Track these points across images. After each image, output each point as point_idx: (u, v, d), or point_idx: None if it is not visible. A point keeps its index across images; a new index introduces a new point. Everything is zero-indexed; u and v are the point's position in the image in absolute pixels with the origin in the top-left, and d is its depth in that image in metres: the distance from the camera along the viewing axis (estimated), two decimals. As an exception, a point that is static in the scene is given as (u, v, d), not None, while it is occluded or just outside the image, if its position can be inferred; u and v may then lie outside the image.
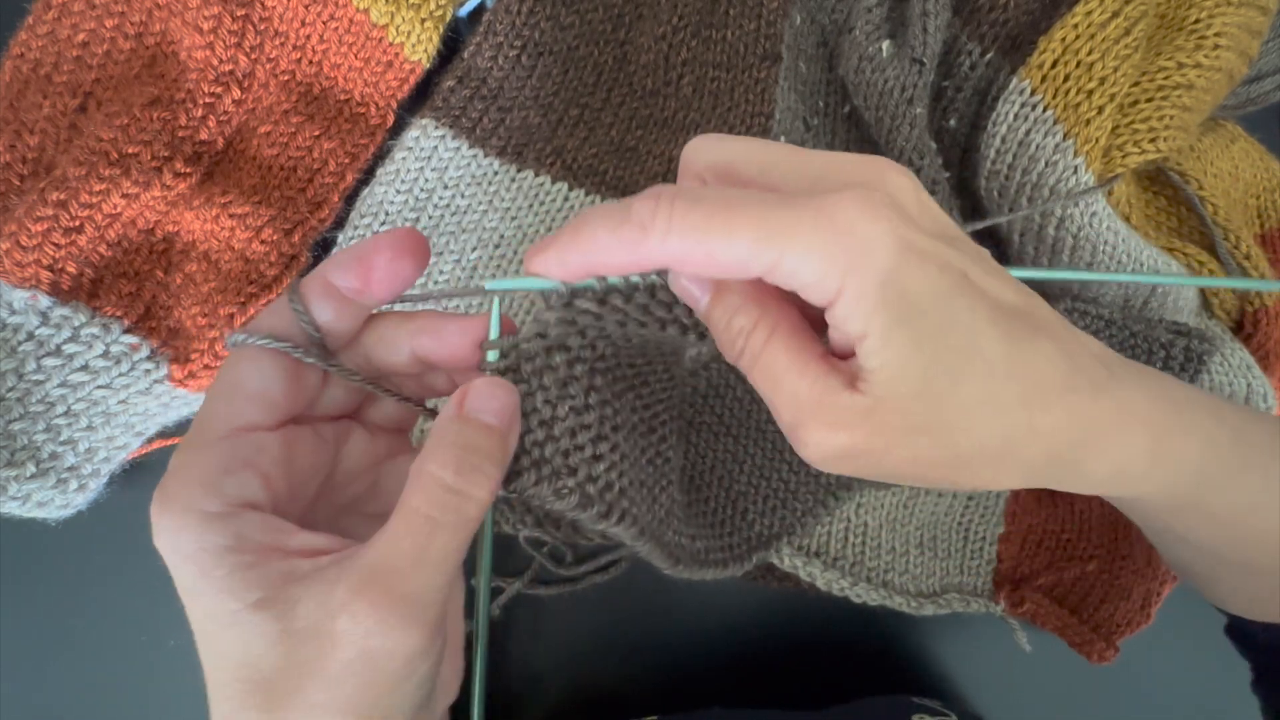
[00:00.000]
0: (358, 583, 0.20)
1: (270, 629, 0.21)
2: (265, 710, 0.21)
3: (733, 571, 0.35)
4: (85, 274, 0.40)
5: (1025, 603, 0.47)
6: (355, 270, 0.24)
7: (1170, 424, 0.25)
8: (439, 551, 0.21)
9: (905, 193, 0.22)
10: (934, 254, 0.21)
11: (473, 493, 0.22)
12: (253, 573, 0.21)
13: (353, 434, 0.27)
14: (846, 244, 0.20)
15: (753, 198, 0.21)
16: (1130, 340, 0.45)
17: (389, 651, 0.20)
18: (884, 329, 0.21)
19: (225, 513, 0.22)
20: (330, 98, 0.45)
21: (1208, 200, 0.48)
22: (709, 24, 0.48)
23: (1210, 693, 0.50)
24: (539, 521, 0.44)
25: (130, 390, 0.40)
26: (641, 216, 0.21)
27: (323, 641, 0.20)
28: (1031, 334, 0.22)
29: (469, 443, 0.22)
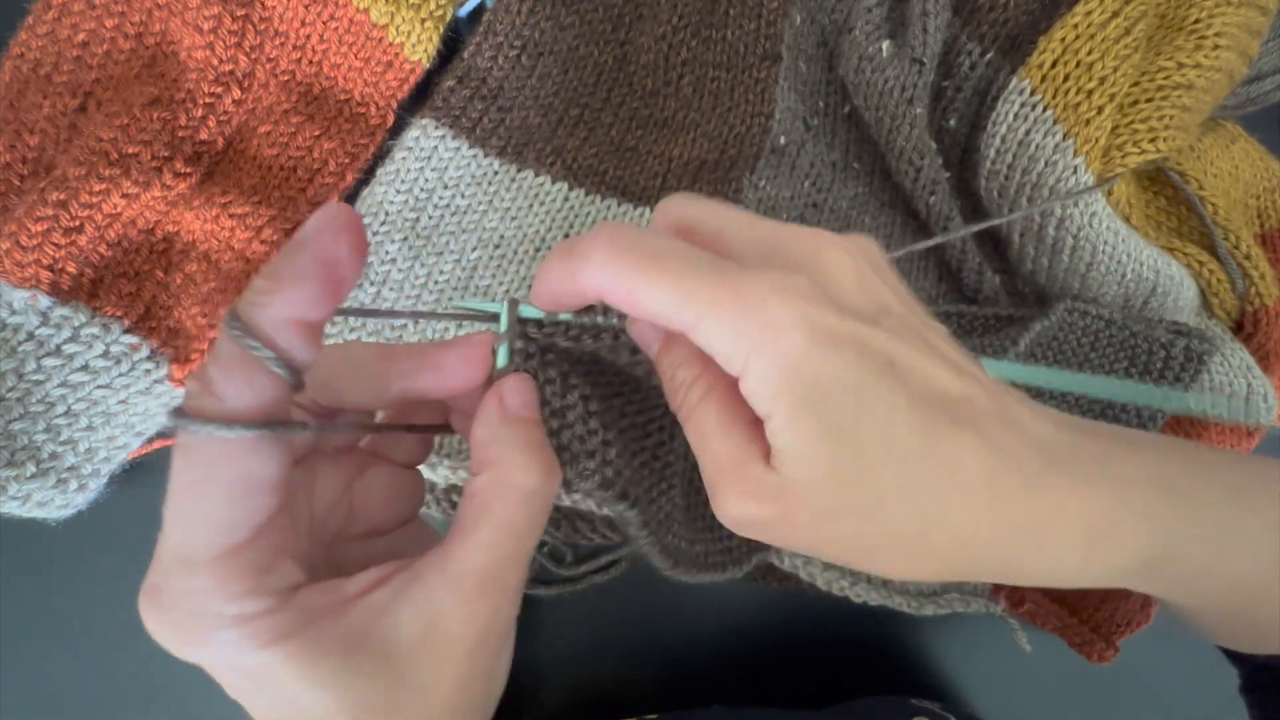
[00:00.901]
0: (471, 589, 0.21)
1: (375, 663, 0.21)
2: None
3: (731, 574, 0.34)
4: (85, 274, 0.40)
5: (1025, 603, 0.47)
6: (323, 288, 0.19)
7: (1107, 517, 0.24)
8: (533, 546, 0.23)
9: (841, 270, 0.22)
10: (852, 339, 0.21)
11: (555, 486, 0.23)
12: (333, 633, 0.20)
13: (318, 471, 0.25)
14: (755, 325, 0.20)
15: (686, 257, 0.21)
16: (1130, 340, 0.45)
17: (502, 633, 0.23)
18: (788, 412, 0.21)
19: (275, 607, 0.20)
20: (330, 98, 0.45)
21: (1208, 200, 0.48)
22: (709, 24, 0.48)
23: (1210, 693, 0.50)
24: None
25: (130, 390, 0.40)
26: (583, 248, 0.22)
27: (437, 647, 0.21)
28: (954, 426, 0.22)
29: (535, 440, 0.23)
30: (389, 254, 0.44)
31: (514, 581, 0.22)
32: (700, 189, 0.46)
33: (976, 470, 0.22)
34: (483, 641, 0.22)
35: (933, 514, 0.22)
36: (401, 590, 0.21)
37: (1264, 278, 0.48)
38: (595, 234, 0.22)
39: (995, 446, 0.22)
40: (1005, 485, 0.22)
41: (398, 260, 0.44)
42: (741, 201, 0.45)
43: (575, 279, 0.22)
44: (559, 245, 0.23)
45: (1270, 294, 0.48)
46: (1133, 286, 0.45)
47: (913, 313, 0.24)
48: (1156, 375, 0.45)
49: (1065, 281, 0.46)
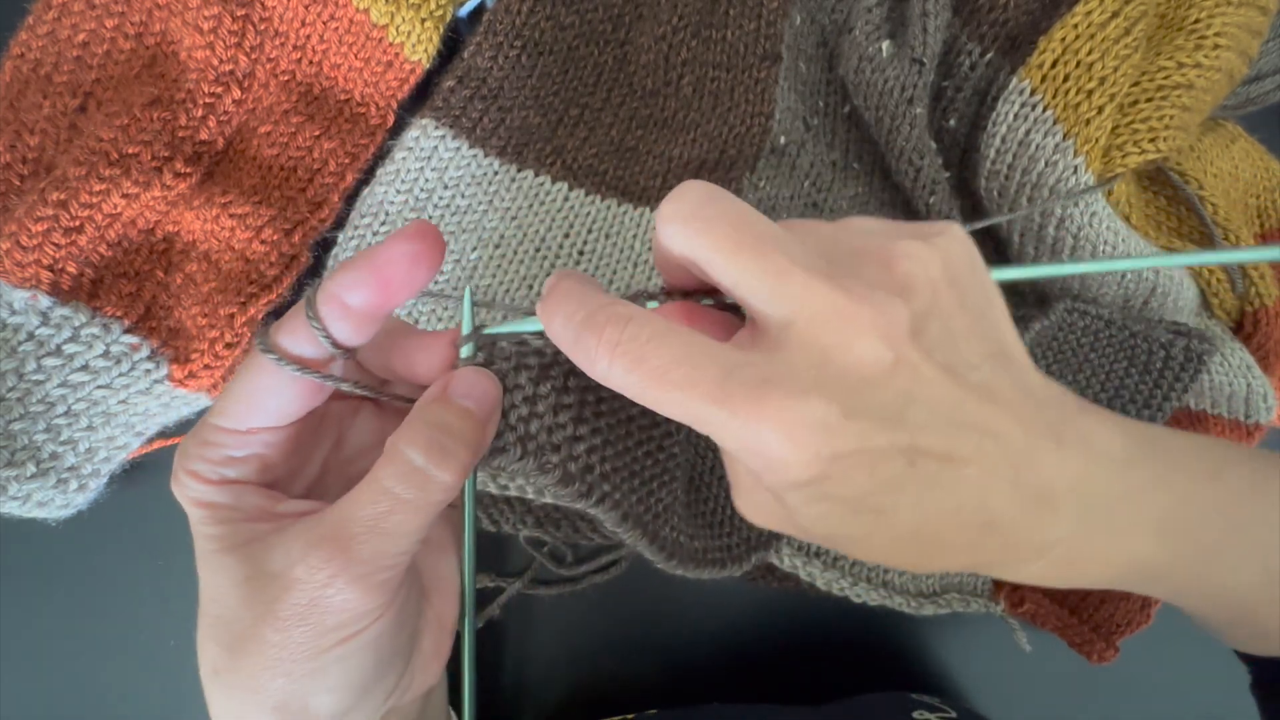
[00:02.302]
0: (316, 537, 0.22)
1: (239, 571, 0.23)
2: (226, 646, 0.23)
3: (730, 572, 0.34)
4: (85, 274, 0.40)
5: (1025, 603, 0.47)
6: (372, 286, 0.24)
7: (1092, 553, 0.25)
8: (395, 525, 0.23)
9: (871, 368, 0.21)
10: (869, 456, 0.20)
11: (438, 475, 0.23)
12: (240, 525, 0.24)
13: (361, 411, 0.29)
14: (771, 453, 0.20)
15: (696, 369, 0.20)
16: (1130, 340, 0.45)
17: (338, 605, 0.22)
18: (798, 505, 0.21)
19: (225, 481, 0.24)
20: (330, 98, 0.45)
21: (1208, 200, 0.48)
22: (709, 24, 0.48)
23: (1210, 693, 0.50)
24: (539, 521, 0.44)
25: (130, 390, 0.40)
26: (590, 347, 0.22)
27: (281, 585, 0.22)
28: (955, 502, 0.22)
29: (445, 424, 0.23)
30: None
31: (365, 552, 0.22)
32: (700, 189, 0.46)
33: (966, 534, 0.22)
34: (313, 602, 0.22)
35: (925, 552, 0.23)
36: (294, 527, 0.23)
37: (1264, 278, 0.48)
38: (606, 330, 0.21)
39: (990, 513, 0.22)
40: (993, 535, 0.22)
41: (398, 260, 0.44)
42: (741, 201, 0.45)
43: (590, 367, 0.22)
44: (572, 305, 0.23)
45: (1270, 294, 0.48)
46: (1132, 287, 0.45)
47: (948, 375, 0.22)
48: (1156, 375, 0.45)
49: (1065, 281, 0.46)
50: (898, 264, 0.22)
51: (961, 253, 0.23)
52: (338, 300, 0.24)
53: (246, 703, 0.23)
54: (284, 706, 0.23)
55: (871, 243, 0.22)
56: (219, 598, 0.23)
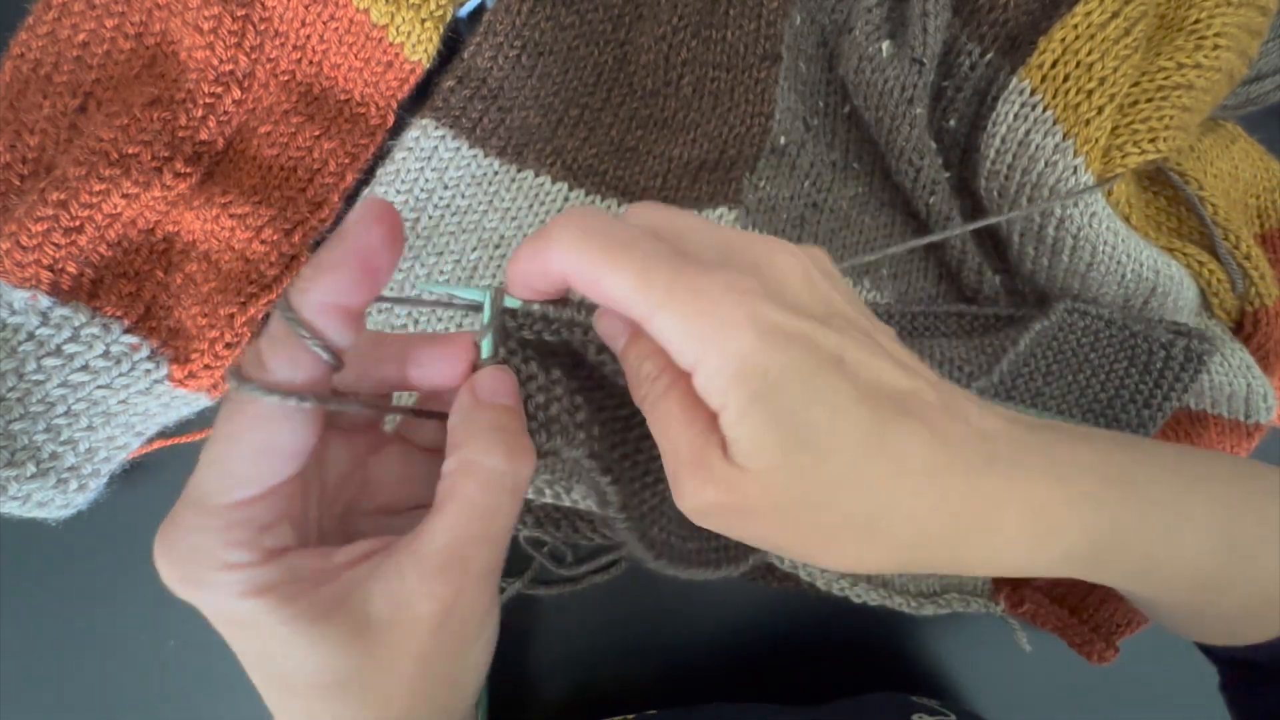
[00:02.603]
0: (432, 569, 0.22)
1: (344, 632, 0.22)
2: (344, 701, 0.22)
3: (727, 572, 0.34)
4: (85, 274, 0.40)
5: (1025, 603, 0.47)
6: (361, 281, 0.22)
7: (1051, 502, 0.25)
8: (501, 529, 0.23)
9: (790, 272, 0.23)
10: (801, 335, 0.22)
11: (522, 469, 0.23)
12: (313, 596, 0.22)
13: (330, 443, 0.26)
14: (706, 323, 0.21)
15: (650, 249, 0.22)
16: (1130, 340, 0.45)
17: (467, 617, 0.23)
18: (740, 404, 0.21)
19: (274, 558, 0.22)
20: (330, 98, 0.45)
21: (1208, 200, 0.48)
22: (709, 24, 0.48)
23: (1210, 693, 0.50)
24: (539, 521, 0.44)
25: (130, 390, 0.40)
26: (550, 231, 0.22)
27: (403, 626, 0.22)
28: (901, 416, 0.23)
29: (504, 425, 0.24)
30: (389, 254, 0.44)
31: (480, 564, 0.23)
32: (700, 189, 0.46)
33: (923, 459, 0.23)
34: (445, 622, 0.22)
35: (882, 502, 0.23)
36: (378, 567, 0.22)
37: (1264, 278, 0.48)
38: (565, 217, 0.23)
39: (941, 437, 0.23)
40: (951, 473, 0.23)
41: (398, 260, 0.44)
42: (741, 202, 0.45)
43: (543, 260, 0.23)
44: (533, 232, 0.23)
45: (1270, 294, 0.48)
46: (1132, 286, 0.45)
47: (861, 314, 0.24)
48: (1156, 375, 0.45)
49: (1065, 281, 0.46)
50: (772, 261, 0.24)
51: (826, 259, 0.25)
52: (319, 304, 0.21)
53: None
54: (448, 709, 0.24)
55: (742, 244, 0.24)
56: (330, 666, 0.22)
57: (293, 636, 0.21)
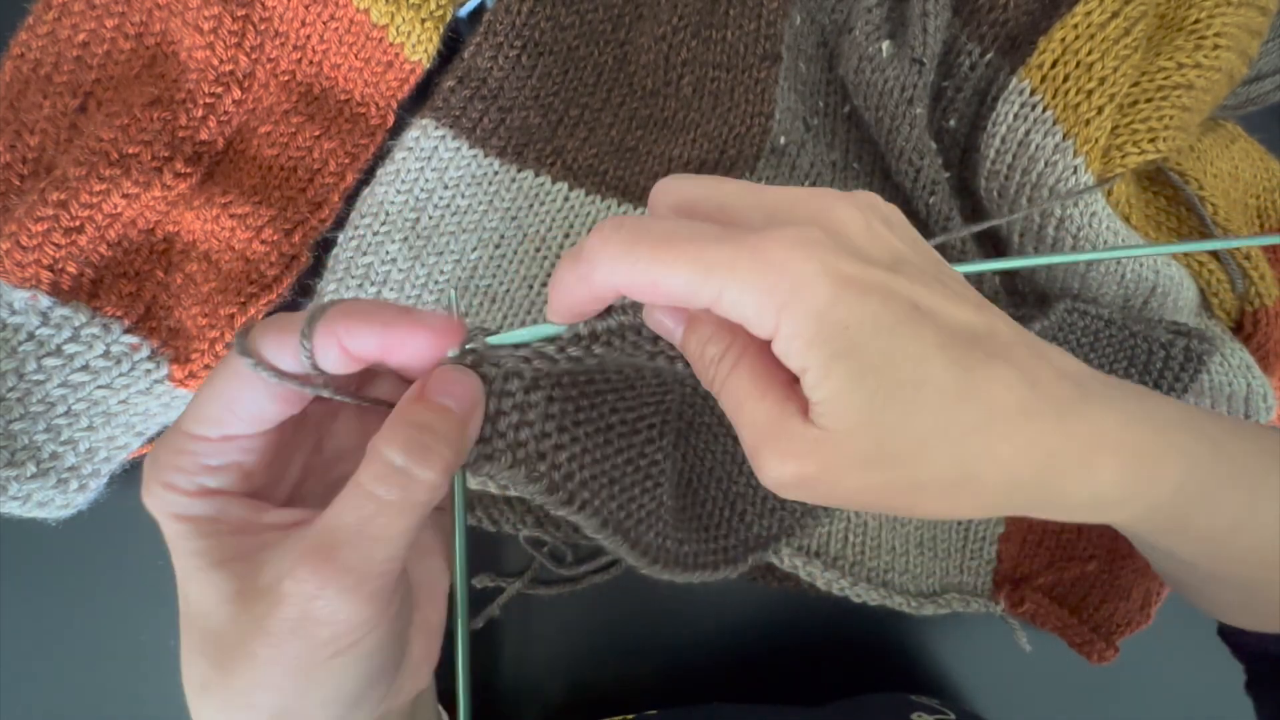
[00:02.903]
0: (304, 549, 0.22)
1: (228, 587, 0.22)
2: (215, 661, 0.22)
3: (724, 574, 0.34)
4: (85, 274, 0.40)
5: (1025, 603, 0.47)
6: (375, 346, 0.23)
7: (1147, 447, 0.24)
8: (381, 529, 0.22)
9: (851, 224, 0.22)
10: (875, 285, 0.21)
11: (419, 474, 0.22)
12: (226, 539, 0.23)
13: (341, 413, 0.28)
14: (778, 282, 0.20)
15: (697, 232, 0.21)
16: (1130, 340, 0.45)
17: (328, 617, 0.21)
18: (822, 363, 0.21)
19: (205, 496, 0.24)
20: (330, 98, 0.45)
21: (1208, 200, 0.48)
22: (709, 24, 0.48)
23: (1210, 693, 0.50)
24: (539, 521, 0.44)
25: (130, 390, 0.40)
26: (590, 251, 0.22)
27: (270, 601, 0.22)
28: (986, 359, 0.22)
29: (424, 423, 0.23)
30: (389, 254, 0.44)
31: (354, 560, 0.21)
32: (700, 189, 0.46)
33: (1014, 400, 0.22)
34: (304, 613, 0.21)
35: (975, 450, 0.22)
36: (283, 539, 0.23)
37: (1264, 278, 0.48)
38: (599, 234, 0.22)
39: (1030, 377, 0.22)
40: (1041, 414, 0.22)
41: (398, 260, 0.44)
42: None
43: (590, 284, 0.22)
44: (565, 255, 0.23)
45: (1270, 294, 0.48)
46: (1132, 286, 0.45)
47: (927, 259, 0.23)
48: (1156, 375, 0.45)
49: (1065, 281, 0.46)
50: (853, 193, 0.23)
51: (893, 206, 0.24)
52: (336, 339, 0.23)
53: (236, 717, 0.23)
54: None
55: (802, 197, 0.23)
56: (207, 613, 0.22)
57: (193, 569, 0.23)
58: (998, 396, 0.22)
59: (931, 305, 0.22)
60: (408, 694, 0.27)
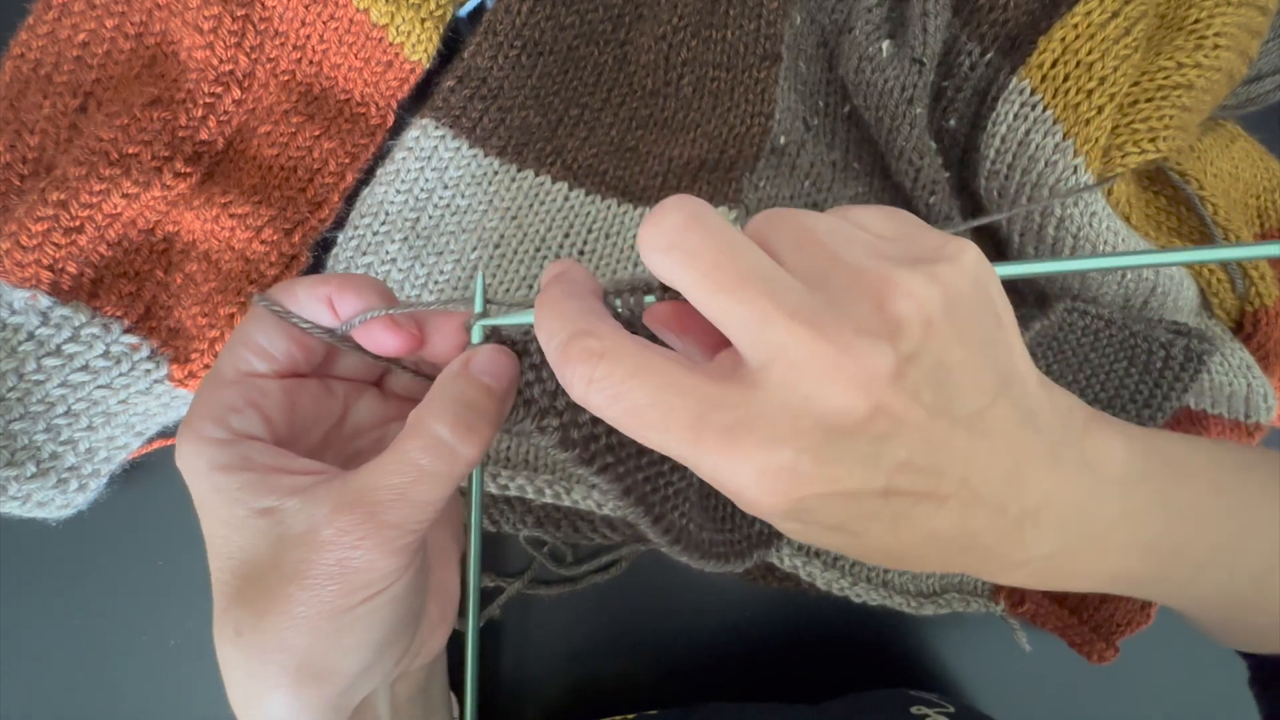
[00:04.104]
0: (344, 501, 0.23)
1: (269, 532, 0.24)
2: (252, 605, 0.23)
3: (734, 567, 0.35)
4: (85, 274, 0.40)
5: (1025, 602, 0.47)
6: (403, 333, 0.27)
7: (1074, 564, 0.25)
8: (421, 494, 0.24)
9: (846, 418, 0.20)
10: (844, 493, 0.21)
11: (462, 450, 0.24)
12: (260, 484, 0.24)
13: (365, 394, 0.30)
14: (743, 486, 0.21)
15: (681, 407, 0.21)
16: (1130, 340, 0.45)
17: (365, 565, 0.23)
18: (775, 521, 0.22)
19: (233, 439, 0.25)
20: (330, 98, 0.45)
21: (1208, 200, 0.48)
22: (709, 24, 0.48)
23: (1210, 693, 0.50)
24: (539, 521, 0.44)
25: (130, 390, 0.40)
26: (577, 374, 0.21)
27: (309, 546, 0.23)
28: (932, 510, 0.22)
29: (469, 399, 0.24)
30: (389, 254, 0.44)
31: (393, 517, 0.23)
32: (700, 189, 0.46)
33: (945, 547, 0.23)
34: (341, 561, 0.23)
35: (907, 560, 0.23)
36: (313, 486, 0.24)
37: (1264, 278, 0.48)
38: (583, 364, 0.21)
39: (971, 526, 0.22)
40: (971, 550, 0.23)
41: (398, 260, 0.44)
42: (741, 202, 0.45)
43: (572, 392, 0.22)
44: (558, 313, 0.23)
45: (1270, 294, 0.48)
46: (1132, 286, 0.45)
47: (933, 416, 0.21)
48: (1156, 375, 0.45)
49: (1065, 281, 0.46)
50: (892, 303, 0.20)
51: (966, 285, 0.22)
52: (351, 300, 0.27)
53: (269, 663, 0.23)
54: (307, 665, 0.23)
55: (871, 269, 0.21)
56: (249, 559, 0.24)
57: (237, 518, 0.24)
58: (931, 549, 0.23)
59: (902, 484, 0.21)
60: (427, 654, 0.29)
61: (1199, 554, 0.27)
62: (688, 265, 0.21)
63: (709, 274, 0.20)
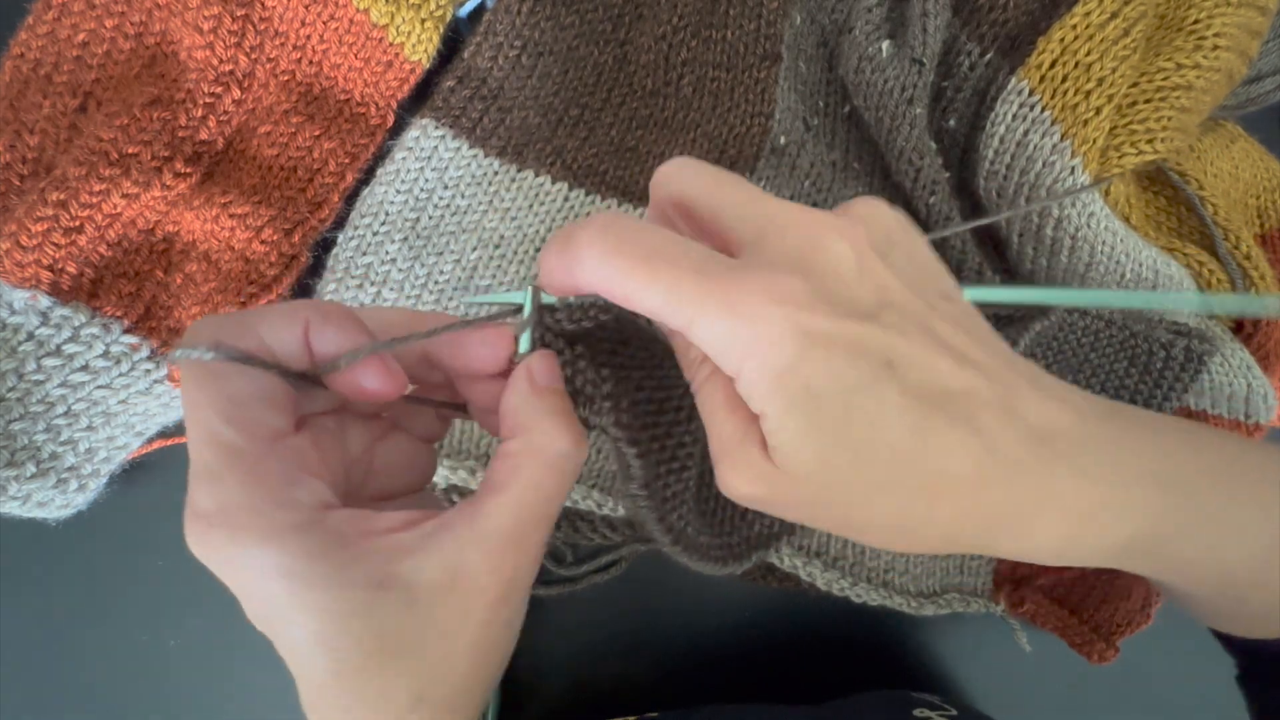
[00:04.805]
0: (498, 546, 0.22)
1: (400, 600, 0.21)
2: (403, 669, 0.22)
3: (732, 570, 0.35)
4: (85, 274, 0.40)
5: (1025, 603, 0.47)
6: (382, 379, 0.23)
7: (1099, 506, 0.24)
8: (556, 511, 0.24)
9: (841, 263, 0.21)
10: (846, 343, 0.21)
11: (582, 454, 0.24)
12: (363, 562, 0.21)
13: (347, 426, 0.27)
14: (746, 333, 0.20)
15: (680, 257, 0.21)
16: (1130, 340, 0.45)
17: (519, 593, 0.24)
18: (778, 414, 0.21)
19: (311, 519, 0.21)
20: (330, 98, 0.45)
21: (1208, 200, 0.48)
22: (709, 24, 0.48)
23: (1210, 692, 0.50)
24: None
25: (130, 390, 0.40)
26: (576, 246, 0.22)
27: (463, 596, 0.22)
28: (948, 425, 0.22)
29: (564, 409, 0.24)
30: (389, 254, 0.44)
31: (536, 543, 0.23)
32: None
33: (965, 469, 0.22)
34: (505, 596, 0.23)
35: (918, 509, 0.23)
36: (429, 537, 0.22)
37: (1264, 278, 0.48)
38: (588, 230, 0.22)
39: (989, 444, 0.22)
40: (993, 481, 0.22)
41: (398, 260, 0.44)
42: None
43: (572, 275, 0.22)
44: (557, 233, 0.23)
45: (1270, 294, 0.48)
46: (1132, 286, 0.45)
47: (918, 296, 0.23)
48: (1156, 375, 0.45)
49: (1064, 282, 0.46)
50: (850, 209, 0.23)
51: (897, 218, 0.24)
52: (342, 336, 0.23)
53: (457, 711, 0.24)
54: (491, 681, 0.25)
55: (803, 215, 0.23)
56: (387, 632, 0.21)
57: (343, 603, 0.21)
58: (949, 464, 0.22)
59: (907, 359, 0.21)
60: None
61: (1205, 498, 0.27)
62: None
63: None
